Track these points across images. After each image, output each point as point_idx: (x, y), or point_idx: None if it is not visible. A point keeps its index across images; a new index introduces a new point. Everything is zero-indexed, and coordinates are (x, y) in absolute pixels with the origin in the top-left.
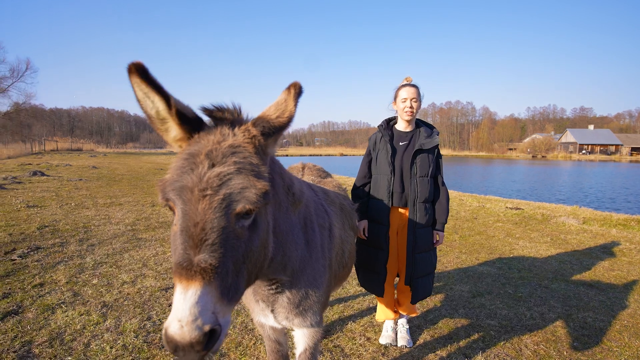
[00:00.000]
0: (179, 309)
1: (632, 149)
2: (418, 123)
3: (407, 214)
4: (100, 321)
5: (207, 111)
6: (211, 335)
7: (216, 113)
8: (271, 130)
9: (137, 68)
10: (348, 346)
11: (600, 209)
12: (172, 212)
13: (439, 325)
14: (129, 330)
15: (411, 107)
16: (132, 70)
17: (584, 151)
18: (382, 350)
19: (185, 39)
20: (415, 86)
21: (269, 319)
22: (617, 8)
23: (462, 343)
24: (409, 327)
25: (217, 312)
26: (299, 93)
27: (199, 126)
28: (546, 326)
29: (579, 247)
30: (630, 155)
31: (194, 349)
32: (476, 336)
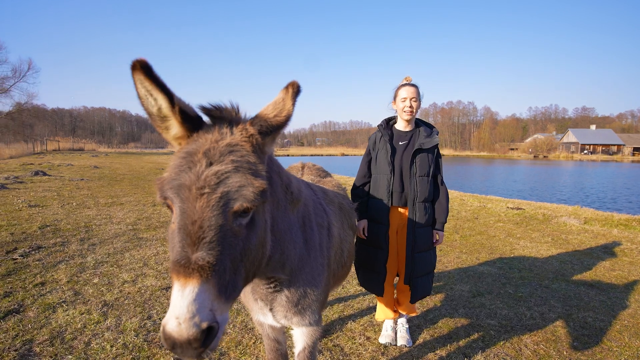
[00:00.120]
0: (176, 306)
1: (634, 149)
2: (418, 122)
3: (407, 213)
4: (101, 320)
5: (205, 110)
6: (209, 333)
7: (214, 112)
8: (269, 129)
9: (141, 65)
10: (348, 345)
11: (601, 209)
12: (170, 210)
13: (438, 325)
14: (129, 329)
15: (411, 107)
16: (137, 67)
17: (585, 151)
18: (382, 350)
19: (185, 39)
20: (414, 86)
21: (267, 318)
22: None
23: (462, 342)
24: (408, 327)
25: (214, 310)
26: (296, 92)
27: (199, 125)
28: (546, 326)
29: (580, 247)
30: (633, 155)
31: (192, 346)
32: (476, 336)
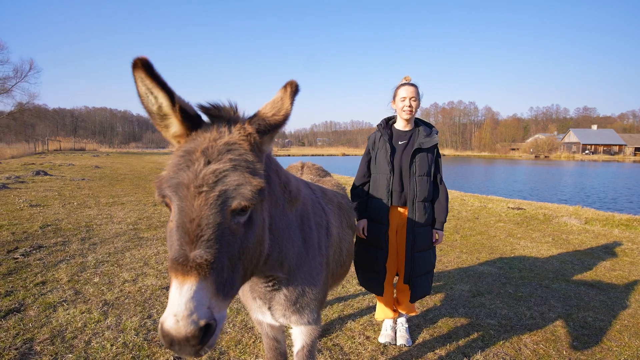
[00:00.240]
0: (174, 303)
1: (636, 149)
2: (417, 122)
3: (407, 213)
4: (101, 319)
5: (204, 109)
6: (207, 330)
7: (213, 111)
8: (267, 128)
9: (142, 63)
10: (347, 345)
11: (602, 209)
12: (168, 208)
13: (438, 325)
14: (129, 328)
15: (410, 106)
16: (138, 65)
17: (587, 151)
18: (381, 349)
19: (185, 39)
20: (414, 85)
21: (266, 317)
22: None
23: (462, 342)
24: (408, 326)
25: (212, 307)
26: (295, 91)
27: (198, 124)
28: (546, 326)
29: (581, 247)
30: (634, 155)
31: (190, 343)
32: (475, 335)
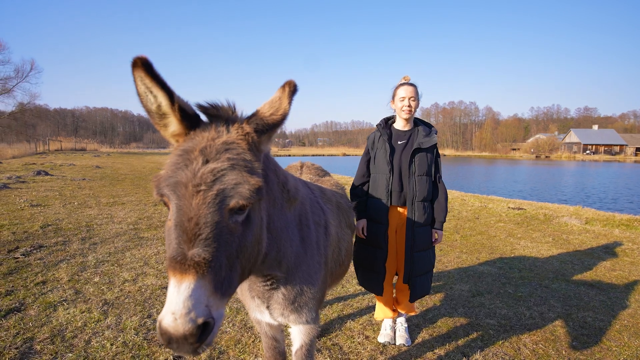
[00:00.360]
0: (172, 302)
1: (637, 149)
2: (416, 122)
3: (406, 212)
4: (101, 318)
5: (202, 108)
6: (204, 328)
7: (211, 110)
8: (265, 128)
9: (142, 62)
10: (346, 344)
11: (602, 209)
12: (166, 207)
13: (438, 324)
14: (129, 327)
15: (409, 106)
16: (137, 64)
17: (588, 151)
18: (381, 349)
19: (185, 39)
20: (413, 85)
21: (264, 316)
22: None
23: (461, 342)
24: (407, 326)
25: (210, 306)
26: (293, 91)
27: (197, 123)
28: (545, 325)
29: (581, 247)
30: (635, 155)
31: (187, 341)
32: (475, 335)
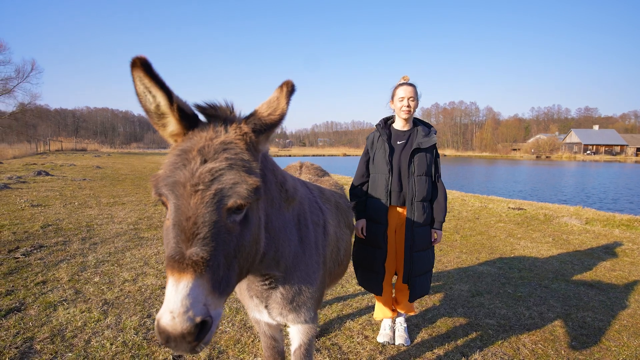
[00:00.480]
0: (170, 300)
1: (638, 149)
2: (416, 122)
3: (405, 212)
4: (101, 318)
5: (200, 108)
6: (202, 327)
7: (209, 110)
8: (263, 128)
9: (141, 62)
10: (346, 344)
11: (602, 209)
12: (165, 207)
13: (437, 324)
14: (129, 327)
15: (408, 106)
16: (137, 64)
17: (588, 152)
18: (380, 349)
19: (185, 39)
20: (412, 85)
21: (263, 315)
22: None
23: (460, 342)
24: (407, 326)
25: (208, 304)
26: (291, 91)
27: (195, 123)
28: (545, 325)
29: (581, 248)
30: (636, 155)
31: (186, 339)
32: (474, 335)
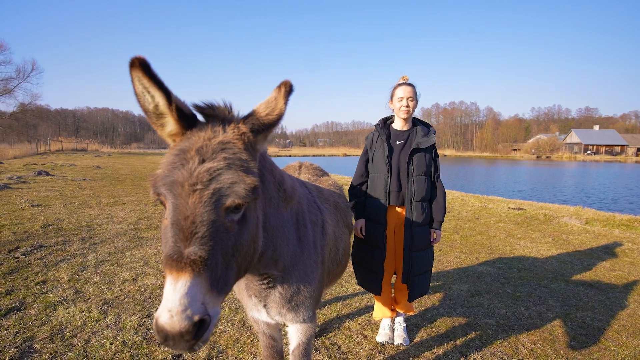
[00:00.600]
0: (169, 299)
1: (638, 149)
2: (415, 122)
3: (404, 212)
4: (101, 318)
5: (199, 108)
6: (200, 325)
7: (207, 110)
8: (261, 128)
9: (140, 62)
10: (345, 344)
11: (602, 209)
12: (163, 206)
13: (436, 324)
14: (128, 327)
15: (407, 106)
16: (135, 64)
17: (589, 152)
18: (379, 348)
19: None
20: (411, 85)
21: (262, 314)
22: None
23: (459, 341)
24: (406, 326)
25: (206, 303)
26: (289, 91)
27: (194, 123)
28: (544, 325)
29: (581, 248)
30: (636, 155)
31: (184, 338)
32: (473, 335)
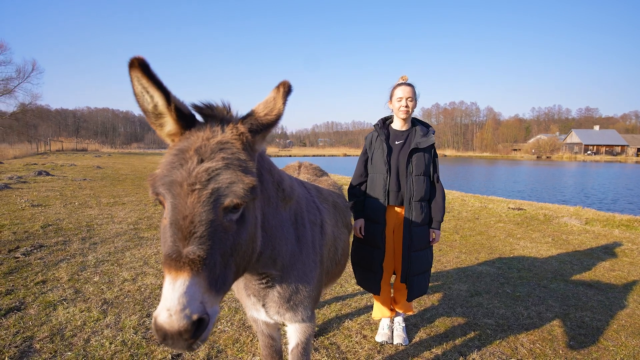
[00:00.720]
0: (167, 298)
1: (638, 149)
2: (414, 122)
3: (403, 212)
4: (101, 317)
5: (197, 108)
6: (199, 324)
7: (206, 110)
8: (259, 128)
9: (139, 62)
10: (344, 343)
11: (602, 210)
12: (162, 206)
13: (435, 324)
14: (128, 326)
15: (406, 106)
16: (134, 65)
17: (589, 152)
18: (378, 348)
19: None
20: (410, 85)
21: (260, 314)
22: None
23: (458, 341)
24: (405, 325)
25: (205, 302)
26: (287, 92)
27: (192, 123)
28: (543, 325)
29: (580, 248)
30: (637, 155)
31: (182, 337)
32: (472, 335)
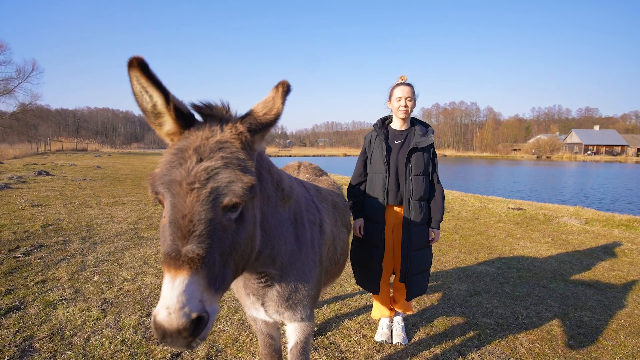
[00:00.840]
0: (167, 297)
1: (638, 149)
2: (413, 121)
3: (403, 212)
4: (100, 317)
5: (197, 108)
6: (198, 323)
7: (205, 110)
8: (258, 127)
9: (138, 62)
10: (343, 343)
11: (601, 210)
12: (161, 205)
13: (435, 324)
14: (128, 326)
15: (406, 106)
16: (134, 64)
17: (589, 152)
18: (377, 348)
19: (185, 39)
20: (409, 85)
21: (260, 313)
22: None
23: (458, 341)
24: (404, 325)
25: (204, 301)
26: (286, 91)
27: (191, 122)
28: (542, 325)
29: (580, 248)
30: (637, 155)
31: (182, 335)
32: (472, 334)
